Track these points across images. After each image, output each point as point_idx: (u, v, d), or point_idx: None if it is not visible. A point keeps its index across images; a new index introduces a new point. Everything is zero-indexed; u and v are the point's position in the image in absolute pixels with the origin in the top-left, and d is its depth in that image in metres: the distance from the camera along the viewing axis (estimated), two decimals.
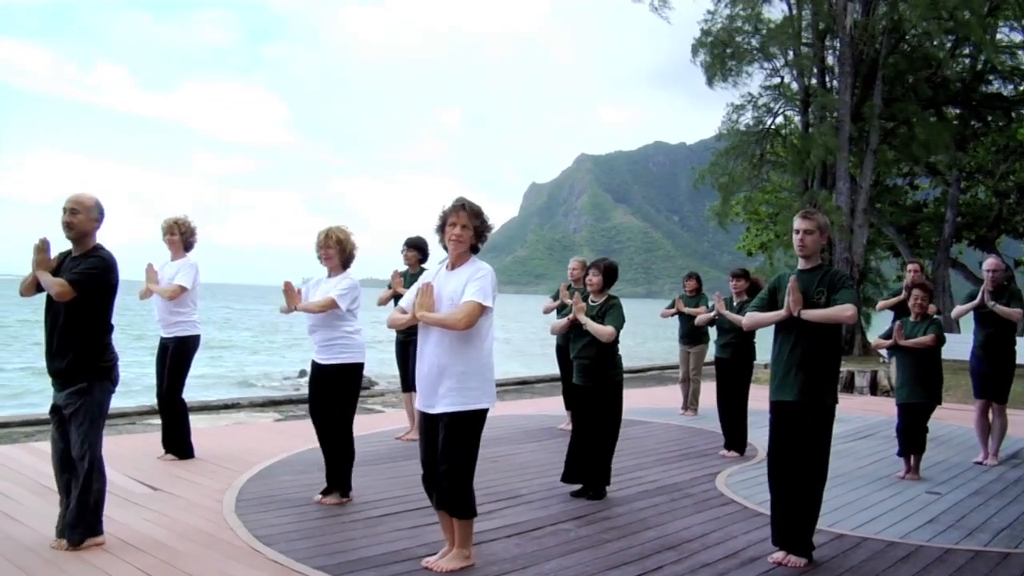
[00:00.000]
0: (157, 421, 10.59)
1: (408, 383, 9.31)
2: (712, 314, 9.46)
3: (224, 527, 5.74)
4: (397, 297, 8.90)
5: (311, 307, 6.45)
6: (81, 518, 5.15)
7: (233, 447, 8.68)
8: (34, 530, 5.50)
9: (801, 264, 5.42)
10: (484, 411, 4.93)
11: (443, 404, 4.84)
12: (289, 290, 6.44)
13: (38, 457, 7.77)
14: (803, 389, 5.25)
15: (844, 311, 5.14)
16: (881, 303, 10.37)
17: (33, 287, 5.23)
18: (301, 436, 9.12)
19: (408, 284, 8.93)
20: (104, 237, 5.39)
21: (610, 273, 7.26)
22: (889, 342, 8.15)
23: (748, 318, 5.61)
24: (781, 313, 5.28)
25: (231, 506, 6.28)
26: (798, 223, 5.39)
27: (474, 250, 5.03)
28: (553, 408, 11.98)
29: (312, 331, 6.56)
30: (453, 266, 5.00)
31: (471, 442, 4.90)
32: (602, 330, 6.90)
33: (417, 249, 9.29)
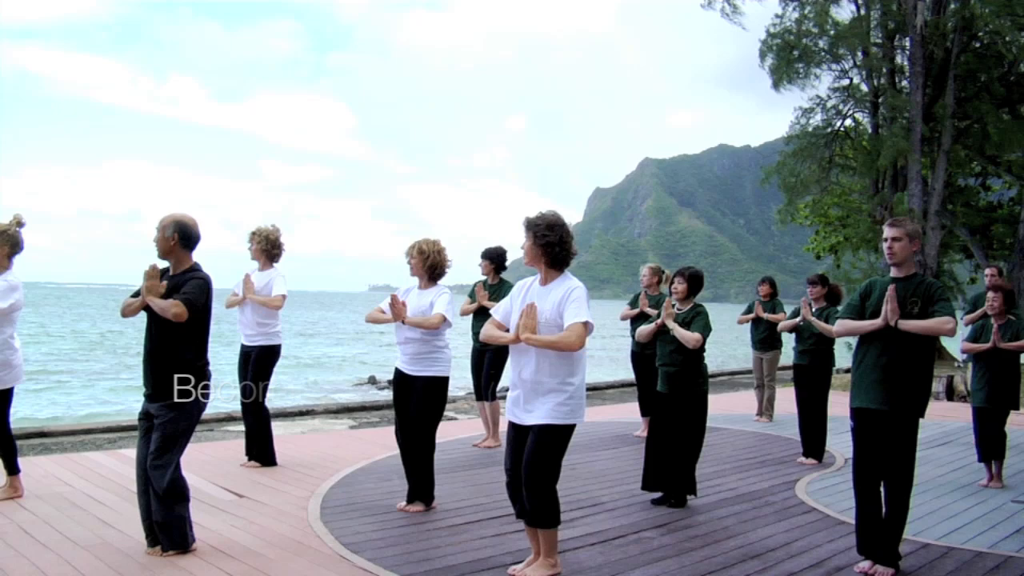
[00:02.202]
0: (235, 427, 10.78)
1: (482, 392, 9.36)
2: (797, 320, 9.31)
3: (311, 534, 5.83)
4: (481, 309, 8.98)
5: (425, 323, 6.47)
6: (170, 528, 5.29)
7: (313, 454, 8.81)
8: (128, 536, 5.64)
9: (894, 272, 5.36)
10: (574, 426, 4.95)
11: (537, 417, 4.86)
12: (396, 302, 6.46)
13: (124, 463, 7.97)
14: (890, 398, 5.18)
15: (944, 324, 5.07)
16: (967, 318, 10.18)
17: (137, 310, 5.35)
18: (379, 443, 9.24)
19: (492, 295, 9.13)
20: None
21: (695, 281, 7.24)
22: (986, 346, 7.97)
23: (841, 326, 5.50)
24: (877, 322, 5.19)
25: (316, 513, 6.37)
26: (886, 231, 5.34)
27: (561, 264, 5.01)
28: (626, 415, 11.98)
29: (405, 343, 6.58)
30: (544, 282, 5.02)
31: (557, 455, 4.90)
32: (689, 336, 6.89)
33: (490, 259, 9.35)
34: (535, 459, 4.85)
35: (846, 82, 26.74)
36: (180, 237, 5.37)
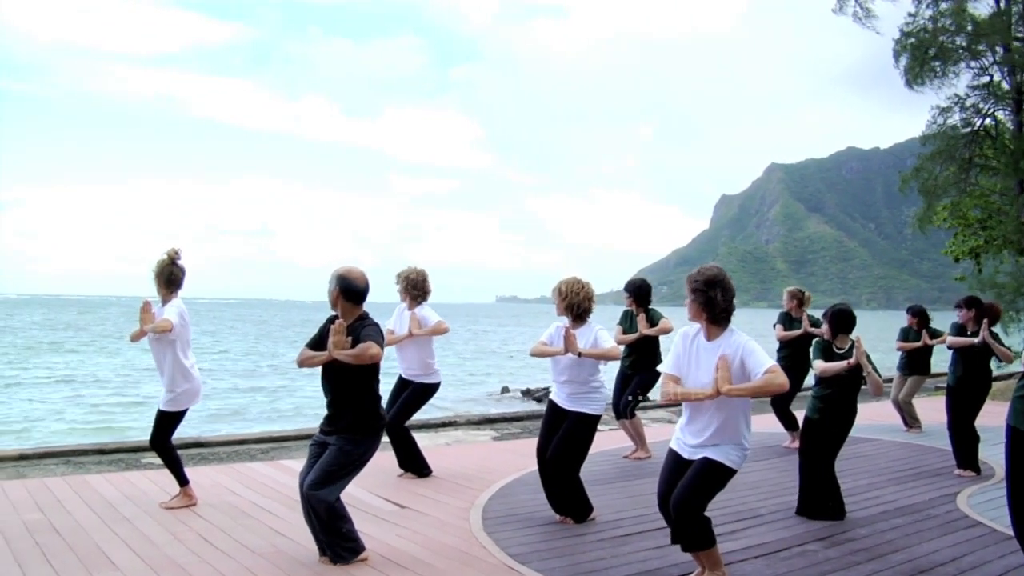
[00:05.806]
0: (386, 438, 11.06)
1: (620, 411, 9.43)
2: (976, 340, 8.92)
3: (476, 545, 5.95)
4: (648, 340, 9.24)
5: (607, 354, 6.59)
6: (336, 544, 5.48)
7: (464, 465, 8.97)
8: (300, 544, 5.83)
9: None
10: (734, 472, 4.89)
11: (706, 452, 4.85)
12: (569, 335, 6.48)
13: (284, 473, 8.27)
14: None
15: None
16: None
17: (319, 364, 5.56)
18: (526, 454, 9.31)
19: (623, 323, 9.51)
20: (310, 260, 5.71)
21: (838, 319, 7.16)
22: None
23: None
24: None
25: (479, 524, 6.49)
26: None
27: (722, 321, 4.95)
28: (767, 426, 11.80)
29: (564, 383, 6.65)
30: (709, 337, 4.95)
31: (715, 491, 4.87)
32: (880, 382, 6.84)
33: (629, 293, 9.54)
34: (695, 487, 4.79)
35: (986, 79, 25.94)
36: (341, 290, 5.58)
